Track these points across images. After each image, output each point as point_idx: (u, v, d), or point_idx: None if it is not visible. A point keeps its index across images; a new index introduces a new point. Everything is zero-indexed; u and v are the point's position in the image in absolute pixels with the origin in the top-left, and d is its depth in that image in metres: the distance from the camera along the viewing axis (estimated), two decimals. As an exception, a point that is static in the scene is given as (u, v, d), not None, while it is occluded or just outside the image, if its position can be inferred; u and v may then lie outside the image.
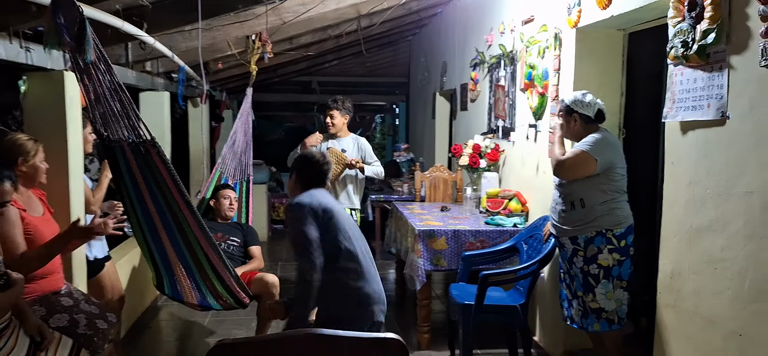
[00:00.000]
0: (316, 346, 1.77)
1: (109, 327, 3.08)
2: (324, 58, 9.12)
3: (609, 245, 3.39)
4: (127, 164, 2.99)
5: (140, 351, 4.46)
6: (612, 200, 3.39)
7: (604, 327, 3.44)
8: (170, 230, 3.22)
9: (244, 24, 4.53)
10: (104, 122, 2.80)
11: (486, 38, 5.57)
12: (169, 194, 3.05)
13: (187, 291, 3.63)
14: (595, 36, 3.82)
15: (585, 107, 3.43)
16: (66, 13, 2.25)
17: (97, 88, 2.61)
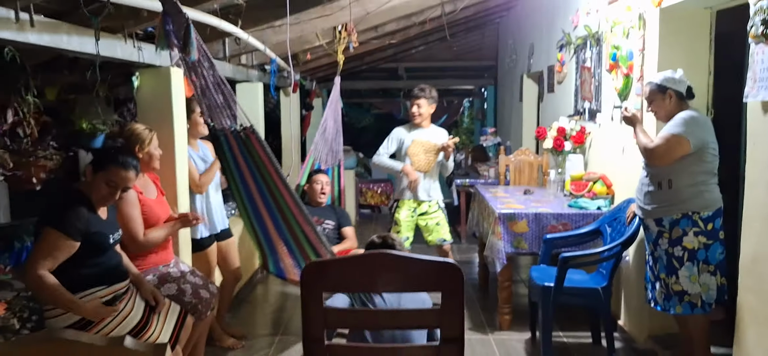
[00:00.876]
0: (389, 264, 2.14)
1: (211, 297, 3.41)
2: (410, 45, 9.26)
3: (695, 227, 3.35)
4: (231, 151, 3.27)
5: (240, 321, 4.81)
6: (701, 182, 3.35)
7: (686, 310, 3.42)
8: (271, 209, 3.47)
9: (329, 16, 4.75)
10: (210, 113, 3.09)
11: (572, 19, 5.55)
12: (268, 175, 3.29)
13: (290, 269, 3.88)
14: (681, 15, 3.77)
15: (677, 83, 3.40)
16: (174, 19, 2.54)
17: (203, 82, 2.88)
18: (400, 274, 2.15)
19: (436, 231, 4.99)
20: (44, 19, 2.52)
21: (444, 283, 2.12)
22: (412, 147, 4.94)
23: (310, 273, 2.11)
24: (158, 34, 2.55)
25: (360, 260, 2.23)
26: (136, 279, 2.95)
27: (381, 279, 2.16)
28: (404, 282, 2.22)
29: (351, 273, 2.17)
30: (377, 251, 2.35)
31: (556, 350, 4.04)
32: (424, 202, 4.98)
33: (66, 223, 2.56)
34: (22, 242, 4.62)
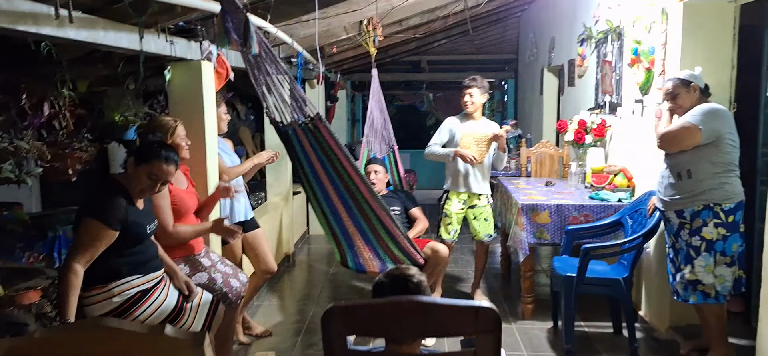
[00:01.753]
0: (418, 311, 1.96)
1: (241, 286, 3.50)
2: (433, 38, 9.30)
3: (715, 219, 3.40)
4: (301, 145, 3.30)
5: (266, 310, 4.93)
6: (722, 173, 3.39)
7: (699, 299, 3.48)
8: (345, 200, 3.50)
9: (356, 11, 4.82)
10: (277, 110, 3.12)
11: (593, 13, 5.56)
12: (339, 163, 3.33)
13: (368, 261, 3.90)
14: (704, 9, 3.79)
15: (698, 78, 3.49)
16: (233, 17, 2.61)
17: (266, 78, 2.93)
18: (429, 319, 1.97)
19: (483, 227, 4.95)
20: (82, 15, 2.61)
21: (480, 328, 1.94)
22: (464, 139, 4.86)
23: (333, 317, 1.95)
24: (218, 31, 2.64)
25: (387, 307, 2.01)
26: (170, 268, 3.05)
27: (408, 324, 1.99)
28: (434, 326, 2.04)
29: (378, 319, 2.00)
30: (406, 298, 2.05)
31: (577, 339, 4.09)
32: (474, 195, 4.93)
33: (106, 213, 2.65)
34: (55, 231, 4.77)
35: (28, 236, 4.68)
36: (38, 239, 4.74)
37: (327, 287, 5.52)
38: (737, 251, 3.46)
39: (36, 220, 4.66)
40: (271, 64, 2.89)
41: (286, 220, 6.28)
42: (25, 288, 3.71)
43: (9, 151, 2.72)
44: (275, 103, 3.08)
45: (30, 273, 4.25)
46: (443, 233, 4.96)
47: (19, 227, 4.35)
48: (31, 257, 4.75)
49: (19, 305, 3.52)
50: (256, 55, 2.77)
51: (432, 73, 11.84)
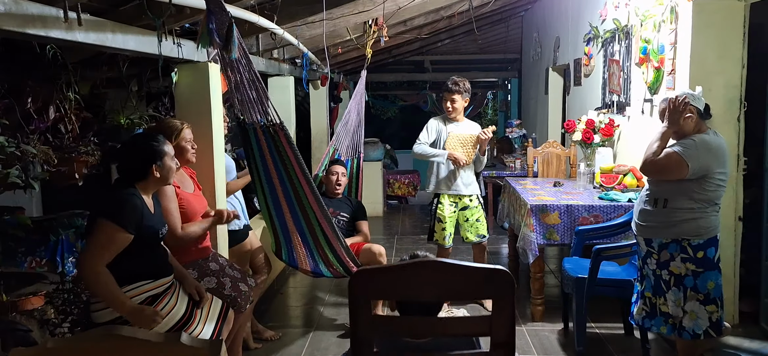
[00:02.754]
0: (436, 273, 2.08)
1: (249, 290, 3.47)
2: (436, 38, 9.28)
3: (683, 253, 3.20)
4: (259, 144, 3.35)
5: (273, 313, 4.90)
6: (698, 208, 3.18)
7: (669, 331, 3.31)
8: (291, 202, 3.56)
9: (363, 12, 4.79)
10: (242, 108, 3.15)
11: (600, 13, 5.53)
12: (293, 171, 3.38)
13: (302, 259, 3.97)
14: (714, 8, 3.76)
15: (696, 100, 3.22)
16: (217, 18, 2.59)
17: (238, 78, 2.94)
18: (448, 281, 2.10)
19: (475, 227, 4.96)
20: (91, 18, 2.59)
21: (494, 289, 2.06)
22: (449, 141, 4.87)
23: (358, 280, 2.09)
24: (201, 31, 2.60)
25: (408, 268, 2.12)
26: (180, 273, 3.01)
27: (429, 287, 2.11)
28: (453, 289, 2.17)
29: (399, 281, 2.13)
30: (424, 258, 2.27)
31: (589, 341, 4.05)
32: (465, 196, 4.93)
33: (123, 216, 2.61)
34: (58, 235, 4.74)
35: (30, 241, 4.65)
36: (40, 244, 4.71)
37: (334, 289, 5.49)
38: (715, 291, 3.22)
39: (38, 224, 4.64)
40: (244, 67, 2.89)
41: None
42: (28, 294, 3.68)
43: (16, 155, 2.68)
44: (241, 100, 3.10)
45: (32, 278, 4.22)
46: (439, 239, 4.95)
47: (21, 232, 4.32)
48: (33, 262, 4.72)
49: (22, 310, 3.49)
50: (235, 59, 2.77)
51: (435, 73, 11.81)
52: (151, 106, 4.62)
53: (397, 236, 7.73)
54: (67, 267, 4.75)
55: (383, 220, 8.76)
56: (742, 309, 4.01)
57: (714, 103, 3.80)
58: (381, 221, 8.61)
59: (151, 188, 2.85)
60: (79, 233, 4.90)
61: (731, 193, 3.89)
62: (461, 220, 4.97)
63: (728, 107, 3.83)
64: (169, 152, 2.86)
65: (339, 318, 4.80)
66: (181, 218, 3.19)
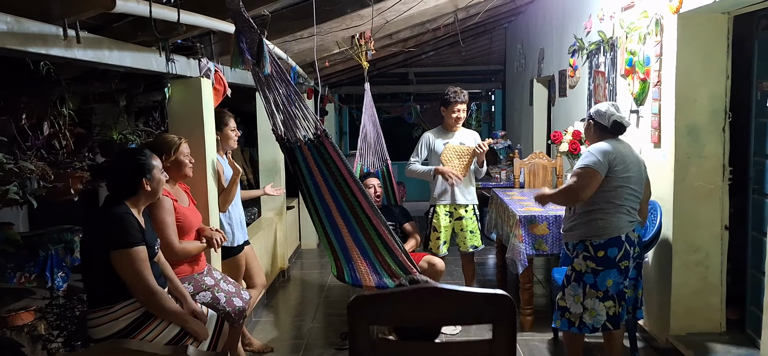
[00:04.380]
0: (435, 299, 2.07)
1: (244, 305, 3.47)
2: (420, 50, 9.34)
3: (585, 252, 3.45)
4: (306, 161, 3.33)
5: (263, 328, 4.89)
6: (597, 210, 3.41)
7: (563, 326, 3.53)
8: (344, 214, 3.52)
9: (351, 27, 4.83)
10: (285, 127, 3.14)
11: (585, 25, 5.62)
12: (341, 177, 3.36)
13: (365, 275, 3.90)
14: (698, 20, 3.84)
15: (600, 116, 3.51)
16: (247, 36, 2.61)
17: (277, 97, 2.94)
18: (448, 306, 2.08)
19: (470, 238, 5.01)
20: (89, 36, 2.60)
21: (495, 314, 2.04)
22: (446, 153, 4.91)
23: (356, 305, 2.06)
24: (232, 51, 2.63)
25: (407, 294, 2.13)
26: (180, 293, 3.01)
27: (428, 312, 2.09)
28: (453, 314, 2.16)
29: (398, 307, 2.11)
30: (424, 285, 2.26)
31: (578, 350, 4.10)
32: (460, 206, 4.97)
33: (130, 235, 2.66)
34: (47, 250, 4.70)
35: (19, 257, 4.60)
36: (29, 260, 4.66)
37: (323, 302, 5.50)
38: (613, 288, 3.44)
39: (27, 240, 4.59)
40: (280, 82, 2.91)
41: (281, 235, 6.24)
42: (18, 309, 3.65)
43: (14, 172, 2.67)
44: (282, 120, 3.09)
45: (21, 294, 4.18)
46: (434, 248, 5.00)
47: (10, 247, 4.28)
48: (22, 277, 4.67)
49: (12, 326, 3.46)
50: (268, 74, 2.77)
51: (419, 85, 11.89)
52: (139, 121, 4.60)
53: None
54: (56, 282, 4.71)
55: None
56: (729, 317, 4.08)
57: (699, 114, 3.91)
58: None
59: (142, 202, 2.85)
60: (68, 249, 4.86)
61: (717, 202, 3.97)
62: (457, 230, 5.02)
63: (713, 117, 3.91)
64: (157, 165, 2.88)
65: (329, 331, 4.81)
66: (179, 233, 3.20)
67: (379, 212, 3.50)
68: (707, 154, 3.95)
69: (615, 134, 3.52)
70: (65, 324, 3.47)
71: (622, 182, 3.39)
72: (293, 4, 4.21)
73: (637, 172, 3.46)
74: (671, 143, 3.97)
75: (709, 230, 4.01)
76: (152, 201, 2.92)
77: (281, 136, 3.27)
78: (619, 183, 3.39)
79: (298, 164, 3.35)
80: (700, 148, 3.94)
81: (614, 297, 3.44)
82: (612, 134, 3.52)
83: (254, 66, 2.71)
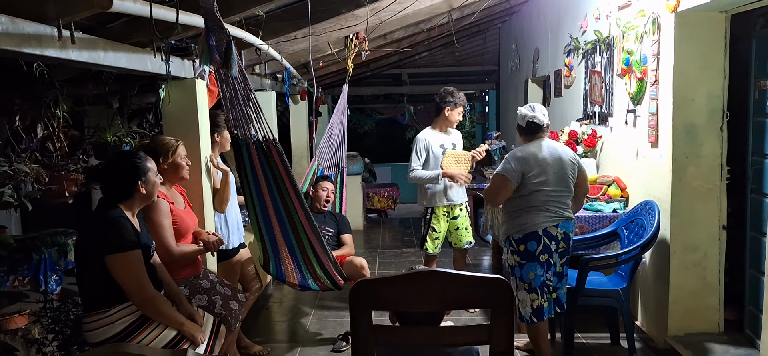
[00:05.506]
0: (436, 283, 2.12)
1: (240, 308, 3.44)
2: (414, 51, 9.32)
3: (510, 246, 3.72)
4: (250, 159, 3.34)
5: (259, 328, 4.85)
6: (515, 209, 3.68)
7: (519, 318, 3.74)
8: (280, 217, 3.58)
9: (346, 27, 4.81)
10: (235, 123, 3.14)
11: (580, 24, 5.61)
12: (284, 186, 3.40)
13: (290, 272, 3.99)
14: (696, 19, 3.83)
15: (519, 119, 3.76)
16: (217, 36, 2.59)
17: (232, 94, 2.93)
18: (448, 291, 2.13)
19: (465, 235, 5.13)
20: (83, 36, 2.56)
21: (493, 298, 2.10)
22: (446, 159, 4.92)
23: (358, 291, 2.10)
24: (201, 49, 2.60)
25: (408, 278, 2.17)
26: (177, 297, 2.98)
27: (429, 296, 2.14)
28: (452, 299, 2.20)
29: (399, 292, 2.15)
30: (424, 269, 2.33)
31: (577, 351, 4.09)
32: (455, 206, 5.07)
33: (125, 239, 2.63)
34: (40, 254, 4.65)
35: (12, 260, 4.56)
36: (22, 263, 4.62)
37: (318, 303, 5.46)
38: (536, 280, 3.62)
39: (20, 243, 4.55)
40: (240, 84, 2.90)
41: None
42: (11, 313, 3.61)
43: (8, 174, 2.63)
44: (236, 116, 3.10)
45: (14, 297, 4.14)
46: (430, 247, 5.05)
47: (3, 251, 4.24)
48: (15, 281, 4.62)
49: (6, 330, 3.42)
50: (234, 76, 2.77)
51: (413, 86, 11.87)
52: (133, 122, 4.56)
53: (378, 250, 7.72)
54: (50, 285, 4.66)
55: (364, 234, 8.75)
56: (727, 317, 4.08)
57: (697, 113, 3.90)
58: (362, 235, 8.60)
59: (137, 205, 2.82)
60: (62, 252, 4.81)
61: (715, 202, 3.97)
62: (452, 228, 5.11)
63: (711, 117, 3.91)
64: (152, 168, 2.85)
65: (324, 332, 4.77)
66: (176, 235, 3.17)
67: (314, 222, 3.56)
68: (705, 153, 3.94)
69: (533, 134, 3.70)
70: (60, 327, 3.43)
71: (537, 187, 3.60)
72: (288, 5, 4.18)
73: (556, 173, 3.62)
74: (669, 142, 3.97)
75: (707, 230, 4.00)
76: (147, 204, 2.88)
77: (231, 130, 3.28)
78: (533, 188, 3.60)
79: (242, 160, 3.38)
80: (697, 147, 3.94)
81: (537, 290, 3.63)
82: (531, 135, 3.71)
83: (222, 66, 2.69)
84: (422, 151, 4.99)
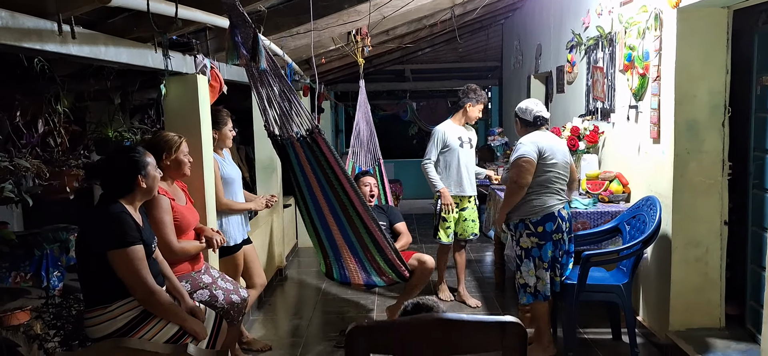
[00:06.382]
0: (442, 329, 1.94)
1: (242, 302, 3.45)
2: (417, 46, 9.31)
3: (526, 230, 3.91)
4: (297, 159, 3.31)
5: (262, 324, 4.86)
6: (532, 193, 3.89)
7: (529, 299, 3.99)
8: (335, 212, 3.53)
9: (348, 22, 4.80)
10: (277, 123, 3.11)
11: (582, 20, 5.60)
12: (333, 175, 3.35)
13: (354, 273, 3.94)
14: (698, 15, 3.82)
15: (524, 113, 4.07)
16: (242, 31, 2.58)
17: (269, 93, 2.91)
18: (455, 337, 1.94)
19: (471, 226, 5.27)
20: (84, 31, 2.56)
21: (506, 343, 1.90)
22: None
23: (356, 336, 1.92)
24: (227, 46, 2.60)
25: (412, 324, 2.00)
26: (178, 292, 2.98)
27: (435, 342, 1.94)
28: (461, 344, 1.99)
29: (402, 338, 1.96)
30: (429, 316, 2.07)
31: (578, 346, 4.09)
32: (465, 197, 5.22)
33: (127, 234, 2.63)
34: (42, 250, 4.66)
35: (14, 256, 4.56)
36: (24, 259, 4.63)
37: (321, 299, 5.47)
38: (550, 258, 3.91)
39: (22, 239, 4.55)
40: (274, 78, 2.87)
41: (278, 233, 6.21)
42: (14, 309, 3.62)
43: (9, 170, 2.64)
44: (275, 116, 3.06)
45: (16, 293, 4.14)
46: (443, 237, 5.22)
47: (5, 247, 4.25)
48: (17, 277, 4.63)
49: (8, 326, 3.43)
50: (264, 70, 2.74)
51: (415, 82, 11.85)
52: (135, 118, 4.56)
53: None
54: (52, 281, 4.67)
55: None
56: (729, 312, 4.07)
57: (699, 109, 3.89)
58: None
59: (138, 200, 2.82)
60: (64, 248, 4.82)
61: (717, 198, 3.96)
62: (460, 219, 5.24)
63: (713, 112, 3.90)
64: (151, 162, 2.85)
65: (327, 328, 4.78)
66: (176, 231, 3.17)
67: (371, 210, 3.49)
68: (707, 149, 3.93)
69: (539, 127, 4.01)
70: (62, 323, 3.44)
71: (550, 169, 3.89)
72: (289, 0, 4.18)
73: (562, 158, 3.96)
74: (671, 138, 3.96)
75: (709, 226, 3.99)
76: (148, 199, 2.88)
77: (273, 132, 3.24)
78: (547, 169, 3.89)
79: (290, 161, 3.33)
80: (699, 143, 3.92)
81: (554, 267, 3.94)
82: (536, 128, 4.01)
83: (250, 61, 2.67)
84: (439, 143, 5.17)
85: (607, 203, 4.64)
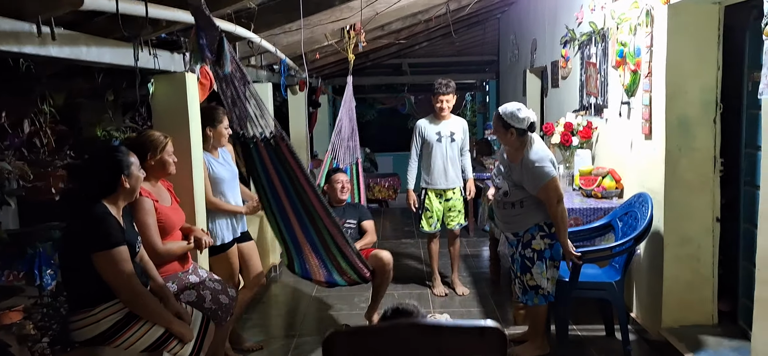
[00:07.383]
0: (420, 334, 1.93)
1: (230, 302, 3.42)
2: (414, 41, 9.28)
3: (541, 232, 3.84)
4: (261, 158, 3.29)
5: (255, 322, 4.85)
6: None
7: (541, 301, 3.90)
8: (298, 214, 3.52)
9: (340, 19, 4.78)
10: (240, 123, 3.11)
11: (576, 16, 5.57)
12: (297, 181, 3.34)
13: (315, 270, 3.94)
14: (689, 11, 3.79)
15: (519, 121, 3.78)
16: (207, 34, 2.56)
17: (233, 93, 2.90)
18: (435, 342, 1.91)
19: (456, 217, 5.36)
20: (65, 32, 2.54)
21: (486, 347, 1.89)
22: None
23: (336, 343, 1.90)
24: (192, 48, 2.58)
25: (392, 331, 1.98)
26: (163, 293, 2.96)
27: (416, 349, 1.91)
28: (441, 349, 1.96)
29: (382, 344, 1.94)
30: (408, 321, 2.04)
31: (571, 343, 4.09)
32: (448, 190, 5.31)
33: (111, 235, 2.61)
34: (35, 248, 4.65)
35: (7, 254, 4.56)
36: (17, 257, 4.62)
37: (314, 299, 5.46)
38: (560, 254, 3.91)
39: (14, 237, 4.55)
40: (239, 81, 2.86)
41: (270, 232, 6.17)
42: (6, 308, 3.61)
43: (-9, 173, 2.63)
44: (239, 116, 3.06)
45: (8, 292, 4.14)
46: (425, 226, 5.36)
47: (-3, 245, 4.24)
48: (10, 275, 4.63)
49: (0, 325, 3.42)
50: (229, 73, 2.73)
51: (413, 75, 11.82)
52: (126, 116, 4.55)
53: (379, 240, 7.69)
54: (45, 279, 4.67)
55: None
56: (721, 309, 4.06)
57: (690, 105, 3.87)
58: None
59: (121, 201, 2.79)
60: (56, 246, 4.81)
61: (708, 194, 3.94)
62: (445, 210, 5.33)
63: (704, 109, 3.88)
64: (134, 162, 2.82)
65: (321, 325, 4.78)
66: (161, 233, 3.14)
67: (333, 215, 3.51)
68: (698, 146, 3.91)
69: (532, 132, 3.84)
70: (51, 323, 3.44)
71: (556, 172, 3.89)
72: (279, -4, 4.16)
73: None
74: (662, 134, 3.94)
75: (701, 223, 3.98)
76: (131, 200, 2.86)
77: (236, 131, 3.24)
78: None
79: (253, 161, 3.32)
80: (691, 140, 3.91)
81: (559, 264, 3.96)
82: (530, 133, 3.83)
83: (214, 64, 2.66)
84: (417, 139, 5.29)
85: (600, 198, 4.63)
